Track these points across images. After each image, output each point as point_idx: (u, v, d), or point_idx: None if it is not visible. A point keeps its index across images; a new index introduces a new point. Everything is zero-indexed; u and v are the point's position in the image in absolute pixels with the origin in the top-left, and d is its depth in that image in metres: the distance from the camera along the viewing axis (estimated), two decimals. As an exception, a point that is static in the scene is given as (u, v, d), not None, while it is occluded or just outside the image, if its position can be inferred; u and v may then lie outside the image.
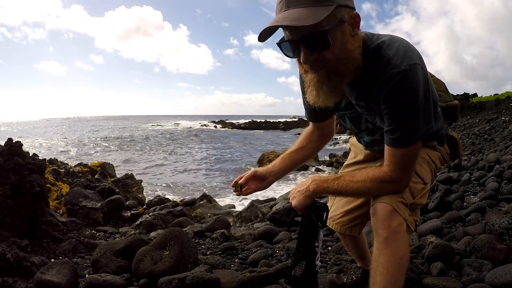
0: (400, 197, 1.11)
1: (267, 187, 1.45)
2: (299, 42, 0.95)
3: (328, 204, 1.57)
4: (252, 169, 1.44)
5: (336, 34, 0.94)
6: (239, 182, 1.43)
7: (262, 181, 1.43)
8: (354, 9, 0.97)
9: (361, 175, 1.14)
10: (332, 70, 0.99)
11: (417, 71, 0.98)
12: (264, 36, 0.97)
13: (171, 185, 8.67)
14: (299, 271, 1.20)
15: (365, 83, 1.06)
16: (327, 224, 1.54)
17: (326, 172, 9.09)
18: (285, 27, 0.96)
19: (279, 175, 1.45)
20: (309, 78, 1.04)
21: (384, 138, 1.10)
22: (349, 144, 1.64)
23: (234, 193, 1.42)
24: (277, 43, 1.02)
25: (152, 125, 52.20)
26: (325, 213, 1.22)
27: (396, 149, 1.06)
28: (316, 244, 1.22)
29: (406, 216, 1.10)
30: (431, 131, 1.09)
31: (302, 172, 9.04)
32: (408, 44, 1.03)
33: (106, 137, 25.62)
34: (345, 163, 1.59)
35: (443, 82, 1.39)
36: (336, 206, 1.52)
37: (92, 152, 16.64)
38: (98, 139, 24.37)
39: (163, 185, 8.75)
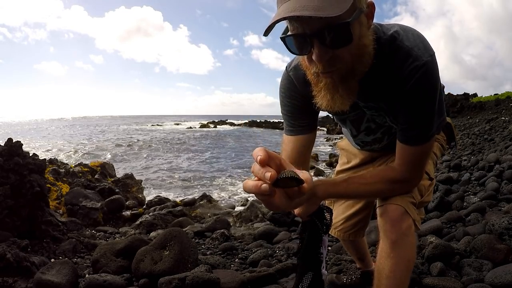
0: (410, 197, 1.07)
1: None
2: (313, 36, 0.80)
3: None
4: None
5: (356, 27, 0.81)
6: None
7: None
8: None
9: (371, 176, 1.08)
10: (347, 71, 0.87)
11: (436, 62, 0.92)
12: (270, 29, 0.80)
13: (171, 185, 8.67)
14: (306, 283, 1.13)
15: (377, 80, 0.97)
16: (329, 232, 1.51)
17: (327, 174, 9.03)
18: (299, 18, 0.78)
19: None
20: (322, 82, 0.90)
21: (399, 136, 1.03)
22: (338, 149, 1.56)
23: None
24: (281, 37, 0.86)
25: (152, 125, 52.18)
26: (329, 216, 1.14)
27: (412, 147, 1.00)
28: (321, 250, 1.15)
29: (415, 216, 1.07)
30: (443, 124, 1.05)
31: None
32: (419, 32, 0.96)
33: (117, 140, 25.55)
34: (336, 170, 1.53)
35: None
36: (337, 213, 1.46)
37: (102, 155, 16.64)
38: (104, 142, 24.37)
39: (163, 184, 8.75)
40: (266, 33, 0.81)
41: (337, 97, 0.90)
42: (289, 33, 0.84)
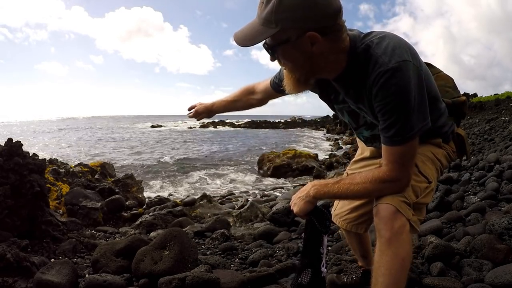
0: (403, 196, 1.10)
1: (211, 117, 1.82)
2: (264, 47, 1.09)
3: (334, 202, 1.58)
4: (199, 103, 1.81)
5: (282, 50, 1.05)
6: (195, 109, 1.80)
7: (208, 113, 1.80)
8: (313, 28, 0.98)
9: (360, 177, 1.14)
10: (300, 76, 1.11)
11: (406, 68, 0.98)
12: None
13: (172, 185, 8.67)
14: (305, 279, 1.19)
15: (353, 83, 1.08)
16: (334, 221, 1.54)
17: (327, 174, 8.97)
18: None
19: (215, 113, 1.79)
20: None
21: (380, 137, 1.10)
22: (357, 141, 1.65)
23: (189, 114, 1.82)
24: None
25: (153, 126, 52.14)
26: (328, 218, 1.21)
27: (392, 147, 1.07)
28: (321, 249, 1.21)
29: (409, 216, 1.09)
30: (426, 128, 1.08)
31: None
32: (399, 41, 1.03)
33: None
34: (353, 159, 1.61)
35: (451, 78, 1.38)
36: (343, 203, 1.52)
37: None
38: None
39: (163, 184, 8.75)
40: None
41: (288, 82, 1.14)
42: None
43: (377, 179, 1.10)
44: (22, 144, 2.86)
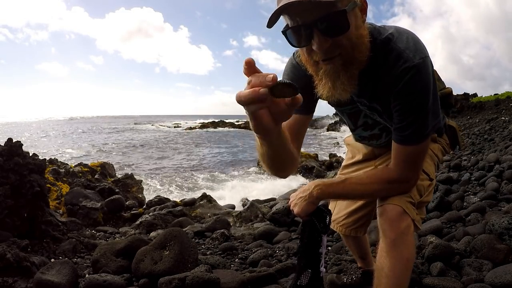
0: (409, 196, 1.08)
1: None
2: (313, 25, 0.83)
3: (330, 207, 1.53)
4: None
5: (351, 17, 0.86)
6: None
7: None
8: None
9: (367, 177, 1.10)
10: (348, 58, 0.90)
11: (428, 64, 0.95)
12: (274, 19, 0.84)
13: (172, 185, 8.67)
14: (304, 280, 1.16)
15: (371, 78, 1.00)
16: (331, 227, 1.53)
17: (327, 174, 8.93)
18: (298, 9, 0.83)
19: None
20: (322, 70, 0.93)
21: (393, 136, 1.06)
22: (345, 144, 1.61)
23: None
24: (282, 31, 0.90)
25: (153, 125, 52.11)
26: (328, 217, 1.17)
27: (406, 146, 1.03)
28: (320, 250, 1.19)
29: (414, 216, 1.08)
30: (439, 125, 1.06)
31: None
32: (415, 35, 0.99)
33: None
34: (343, 164, 1.57)
35: (434, 70, 1.37)
36: (339, 208, 1.49)
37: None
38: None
39: (163, 184, 8.75)
40: (269, 25, 0.84)
41: (339, 84, 0.92)
42: (290, 26, 0.87)
43: (386, 179, 1.07)
44: (22, 144, 2.86)
